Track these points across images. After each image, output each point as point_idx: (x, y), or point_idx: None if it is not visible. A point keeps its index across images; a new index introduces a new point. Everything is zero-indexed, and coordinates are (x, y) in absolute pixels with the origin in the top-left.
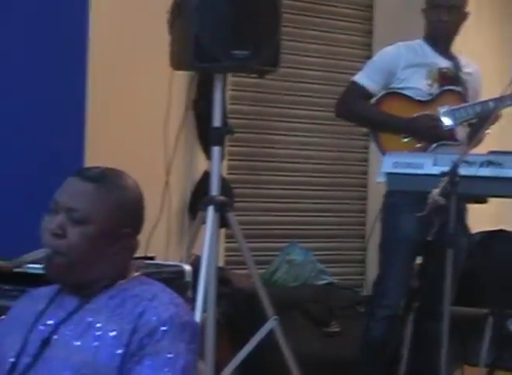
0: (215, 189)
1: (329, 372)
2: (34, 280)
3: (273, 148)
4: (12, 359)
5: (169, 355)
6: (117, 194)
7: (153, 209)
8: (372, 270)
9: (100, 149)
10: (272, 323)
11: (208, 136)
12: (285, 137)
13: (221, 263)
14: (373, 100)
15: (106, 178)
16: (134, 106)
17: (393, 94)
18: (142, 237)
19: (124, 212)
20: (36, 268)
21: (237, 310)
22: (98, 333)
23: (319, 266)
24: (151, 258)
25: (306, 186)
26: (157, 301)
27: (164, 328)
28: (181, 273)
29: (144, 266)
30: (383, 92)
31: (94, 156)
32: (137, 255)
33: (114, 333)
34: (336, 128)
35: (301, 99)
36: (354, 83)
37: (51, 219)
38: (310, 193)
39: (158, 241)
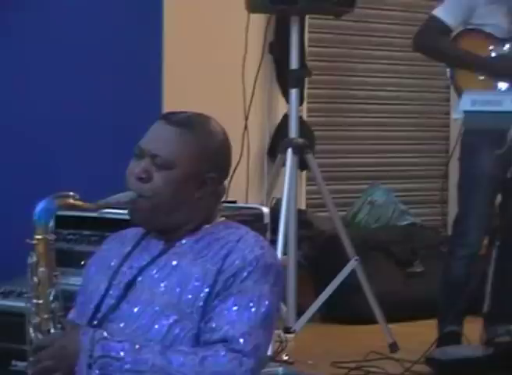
0: (293, 131)
1: (412, 312)
2: (115, 226)
3: (352, 89)
4: (96, 300)
5: (253, 296)
6: (203, 138)
7: (232, 154)
8: (455, 210)
9: (177, 94)
10: (353, 264)
11: (286, 79)
12: (364, 78)
13: (303, 206)
14: (452, 35)
15: (192, 123)
16: (211, 51)
17: (472, 31)
18: None
19: (209, 156)
20: (117, 213)
21: (319, 252)
22: (183, 275)
23: (401, 206)
24: (232, 203)
25: (387, 127)
26: (242, 243)
27: (249, 269)
28: (259, 215)
29: (223, 208)
30: (462, 28)
31: (172, 101)
32: None
33: (199, 274)
34: (417, 68)
35: (380, 40)
36: (433, 18)
37: (136, 164)
38: (391, 134)
39: (238, 185)
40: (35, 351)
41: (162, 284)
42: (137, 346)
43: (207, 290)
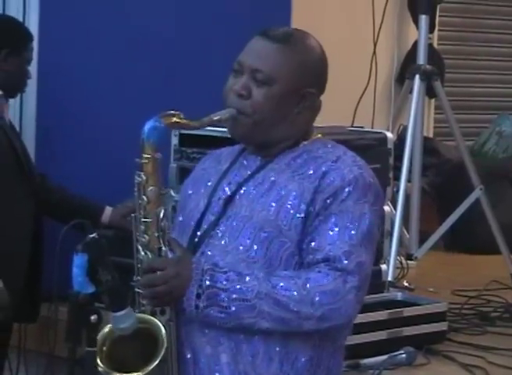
0: (421, 58)
1: None
2: (237, 144)
3: (485, 18)
4: (197, 217)
5: (354, 215)
6: (301, 54)
7: (360, 79)
8: None
9: (306, 17)
10: (477, 193)
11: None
12: (498, 7)
13: (430, 134)
14: None
15: (291, 38)
16: None
17: None
18: (349, 107)
19: (308, 72)
20: (218, 131)
21: (445, 180)
22: (281, 191)
23: None
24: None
25: None
26: (341, 163)
27: (348, 189)
28: (383, 139)
29: (347, 132)
30: None
31: (301, 25)
32: (344, 124)
33: (296, 191)
34: None
35: None
36: None
37: (235, 81)
38: None
39: (365, 110)
40: (147, 271)
41: (260, 200)
42: (242, 274)
43: (304, 207)
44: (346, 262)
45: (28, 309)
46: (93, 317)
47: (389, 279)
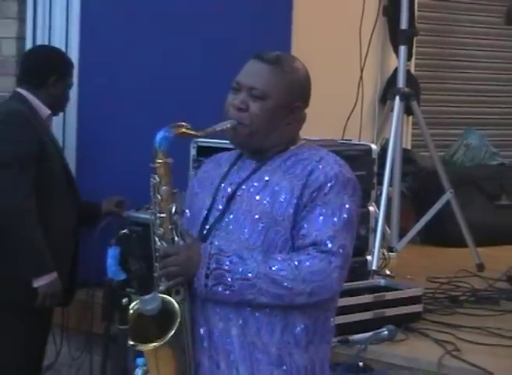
0: (401, 82)
1: (498, 238)
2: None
3: (455, 48)
4: (204, 213)
5: (335, 205)
6: (290, 74)
7: (349, 99)
8: None
9: (304, 49)
10: (448, 196)
11: (397, 37)
12: (465, 39)
13: (408, 146)
14: None
15: (281, 60)
16: (333, 12)
17: None
18: (340, 123)
19: (296, 89)
20: (229, 143)
21: (421, 185)
22: (274, 188)
23: (492, 149)
24: (348, 141)
25: (481, 81)
26: (324, 162)
27: (330, 184)
28: (368, 151)
29: (338, 144)
30: None
31: (299, 54)
32: (335, 137)
33: (287, 188)
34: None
35: (480, 7)
36: None
37: (234, 97)
38: (485, 87)
39: (353, 125)
40: (163, 257)
41: (258, 196)
42: (243, 258)
43: (295, 201)
44: (330, 245)
45: (67, 294)
46: (124, 300)
47: (374, 268)
